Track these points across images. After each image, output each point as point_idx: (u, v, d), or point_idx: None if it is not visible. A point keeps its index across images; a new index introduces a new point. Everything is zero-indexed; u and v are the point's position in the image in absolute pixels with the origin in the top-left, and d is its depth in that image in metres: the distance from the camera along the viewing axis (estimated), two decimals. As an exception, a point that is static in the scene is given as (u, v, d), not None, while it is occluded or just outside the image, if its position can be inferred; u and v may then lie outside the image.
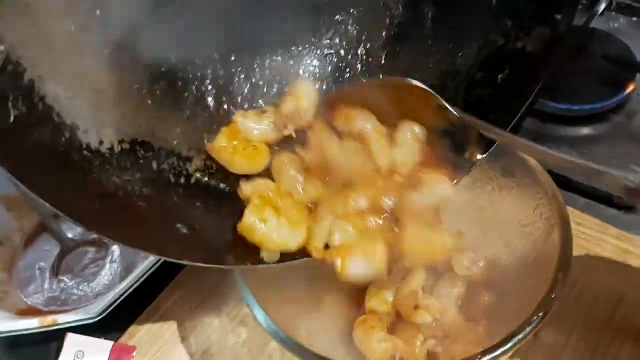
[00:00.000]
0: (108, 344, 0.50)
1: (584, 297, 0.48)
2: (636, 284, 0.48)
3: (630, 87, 0.63)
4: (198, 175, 0.42)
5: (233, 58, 0.44)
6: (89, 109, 0.37)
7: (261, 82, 0.46)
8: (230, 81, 0.44)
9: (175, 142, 0.42)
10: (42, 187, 0.32)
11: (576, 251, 0.40)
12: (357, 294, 0.45)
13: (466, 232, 0.47)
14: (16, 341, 0.53)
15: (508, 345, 0.34)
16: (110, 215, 0.36)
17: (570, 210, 0.42)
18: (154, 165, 0.40)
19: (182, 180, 0.41)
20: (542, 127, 0.63)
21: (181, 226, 0.38)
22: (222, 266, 0.38)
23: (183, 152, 0.42)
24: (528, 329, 0.35)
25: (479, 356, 0.34)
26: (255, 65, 0.45)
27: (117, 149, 0.38)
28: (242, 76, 0.45)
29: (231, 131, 0.43)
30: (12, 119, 0.32)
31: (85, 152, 0.36)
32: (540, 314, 0.35)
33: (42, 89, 0.34)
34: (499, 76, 0.41)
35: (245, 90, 0.45)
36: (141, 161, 0.39)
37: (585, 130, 0.62)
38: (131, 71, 0.40)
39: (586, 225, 0.53)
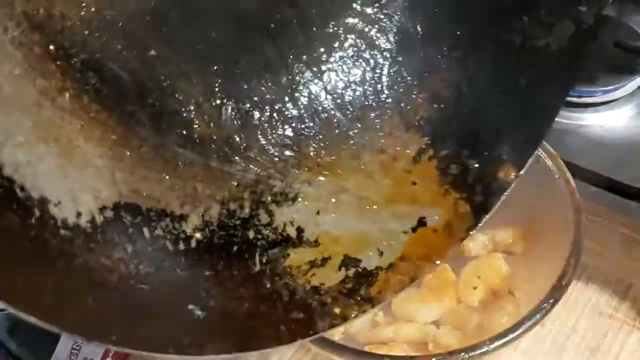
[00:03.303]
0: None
1: (592, 285, 0.48)
2: (644, 273, 0.48)
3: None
4: (198, 235, 0.36)
5: (217, 88, 0.38)
6: (57, 172, 0.31)
7: (252, 111, 0.39)
8: (214, 116, 0.38)
9: (164, 199, 0.36)
10: (20, 295, 0.26)
11: (584, 239, 0.40)
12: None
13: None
14: (16, 325, 0.52)
15: (518, 332, 0.34)
16: (109, 314, 0.30)
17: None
18: (146, 232, 0.34)
19: (182, 245, 0.35)
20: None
21: (194, 307, 0.32)
22: (257, 351, 0.32)
23: (176, 209, 0.36)
24: (538, 316, 0.34)
25: (487, 342, 0.34)
26: (243, 94, 0.39)
27: (99, 219, 0.32)
28: (230, 109, 0.39)
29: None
30: None
31: (62, 232, 0.30)
32: (551, 300, 0.35)
33: None
34: (521, 81, 0.36)
35: (234, 124, 0.39)
36: (130, 230, 0.33)
37: (597, 118, 0.61)
38: (98, 114, 0.34)
39: (594, 213, 0.52)
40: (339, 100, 0.40)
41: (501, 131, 0.37)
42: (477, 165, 0.38)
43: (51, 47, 0.31)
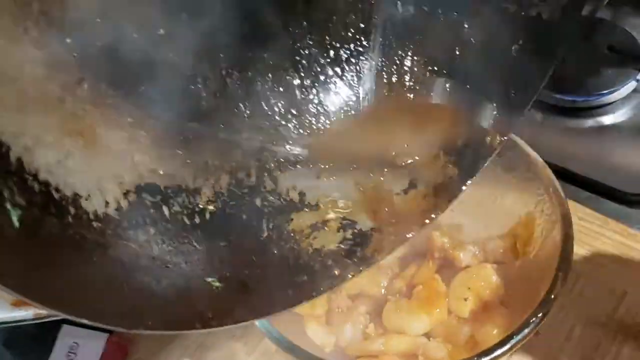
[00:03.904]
0: (103, 335, 0.50)
1: (586, 293, 0.47)
2: (639, 280, 0.48)
3: (637, 78, 0.61)
4: (211, 207, 0.37)
5: (222, 57, 0.38)
6: (84, 165, 0.32)
7: (255, 79, 0.40)
8: (220, 86, 0.39)
9: (179, 175, 0.37)
10: (69, 301, 0.27)
11: (578, 246, 0.39)
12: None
13: (465, 226, 0.46)
14: (12, 335, 0.52)
15: (506, 347, 0.34)
16: (142, 300, 0.31)
17: (572, 204, 0.41)
18: (165, 211, 0.35)
19: (198, 219, 0.36)
20: (547, 119, 0.62)
21: (212, 279, 0.34)
22: (269, 316, 0.35)
23: (190, 183, 0.37)
24: (526, 330, 0.34)
25: (475, 358, 0.33)
26: (247, 62, 0.40)
27: (124, 205, 0.33)
28: (234, 78, 0.39)
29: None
30: (16, 224, 0.27)
31: (95, 224, 0.31)
32: (540, 314, 0.34)
33: (33, 164, 0.29)
34: (513, 48, 0.37)
35: (238, 92, 0.40)
36: (151, 210, 0.35)
37: (591, 122, 0.61)
38: (114, 99, 0.34)
39: (588, 219, 0.51)
40: (338, 65, 0.41)
41: (490, 96, 0.39)
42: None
43: (68, 40, 0.31)
